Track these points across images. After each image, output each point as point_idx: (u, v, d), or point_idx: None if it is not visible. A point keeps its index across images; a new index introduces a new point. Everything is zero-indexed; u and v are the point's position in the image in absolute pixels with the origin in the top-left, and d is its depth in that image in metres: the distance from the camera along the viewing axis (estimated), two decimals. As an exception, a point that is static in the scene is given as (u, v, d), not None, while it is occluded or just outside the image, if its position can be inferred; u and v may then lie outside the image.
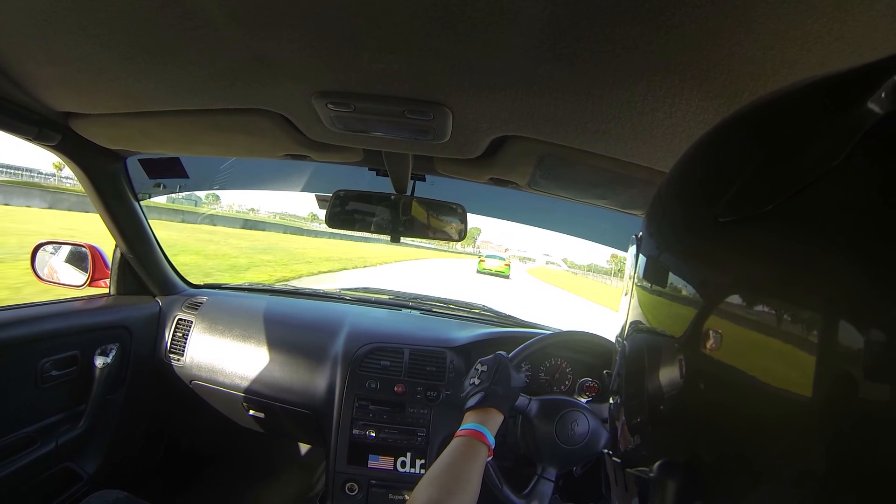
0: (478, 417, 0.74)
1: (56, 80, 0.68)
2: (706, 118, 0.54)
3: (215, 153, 1.04)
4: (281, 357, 1.27)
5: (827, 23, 0.36)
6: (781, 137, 0.24)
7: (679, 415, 0.27)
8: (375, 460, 1.13)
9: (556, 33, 0.43)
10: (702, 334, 0.25)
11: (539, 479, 0.91)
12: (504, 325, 1.49)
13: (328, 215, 1.09)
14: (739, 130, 0.28)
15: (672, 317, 0.28)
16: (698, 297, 0.26)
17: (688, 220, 0.28)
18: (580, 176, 0.83)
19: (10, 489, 0.94)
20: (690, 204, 0.29)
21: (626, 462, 0.33)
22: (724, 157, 0.28)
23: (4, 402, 0.95)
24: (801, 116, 0.24)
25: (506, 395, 0.79)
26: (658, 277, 0.30)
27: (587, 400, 1.23)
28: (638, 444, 0.32)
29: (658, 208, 0.33)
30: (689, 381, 0.26)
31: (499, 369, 0.82)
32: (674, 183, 0.32)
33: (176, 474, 1.59)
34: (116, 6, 0.47)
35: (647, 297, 0.31)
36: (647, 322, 0.31)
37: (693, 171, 0.31)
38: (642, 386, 0.31)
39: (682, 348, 0.27)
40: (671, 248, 0.30)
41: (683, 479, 0.25)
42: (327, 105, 0.64)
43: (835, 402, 0.18)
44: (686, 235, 0.28)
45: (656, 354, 0.29)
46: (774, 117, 0.26)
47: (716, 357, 0.24)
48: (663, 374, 0.28)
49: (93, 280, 1.27)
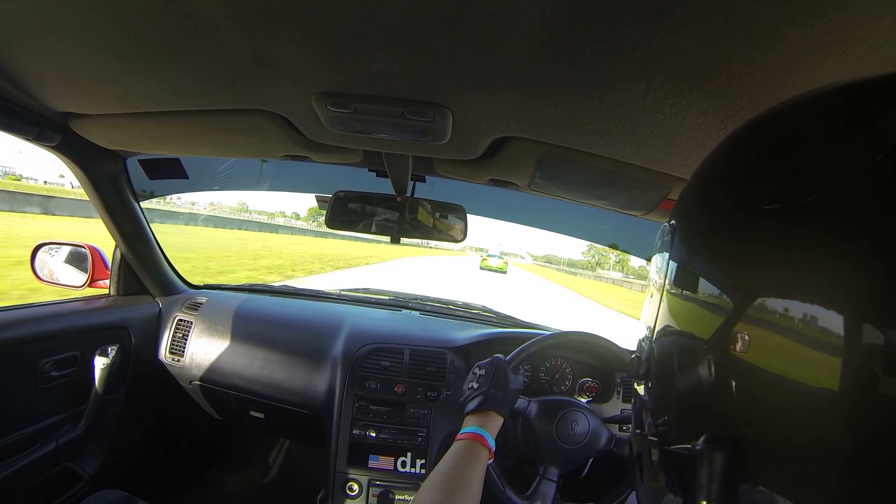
0: (477, 421, 0.75)
1: (56, 81, 0.68)
2: (706, 119, 0.54)
3: (215, 154, 1.04)
4: (281, 357, 1.27)
5: (827, 24, 0.36)
6: (821, 133, 0.25)
7: (717, 398, 0.27)
8: (376, 460, 1.13)
9: (556, 34, 0.43)
10: (742, 321, 0.26)
11: (541, 480, 0.91)
12: (504, 325, 1.49)
13: (328, 216, 1.09)
14: (780, 126, 0.29)
15: (706, 312, 0.29)
16: (740, 282, 0.27)
17: (727, 213, 0.29)
18: (580, 177, 0.83)
19: (11, 489, 0.94)
20: (732, 196, 0.29)
21: (664, 440, 0.33)
22: (764, 150, 0.29)
23: (5, 402, 0.95)
24: (842, 115, 0.25)
25: (504, 398, 0.80)
26: (697, 271, 0.31)
27: (587, 400, 1.23)
28: (674, 423, 0.32)
29: (683, 211, 0.34)
30: (722, 373, 0.27)
31: (497, 373, 0.82)
32: (711, 177, 0.33)
33: (176, 474, 1.59)
34: (116, 6, 0.46)
35: (685, 282, 0.32)
36: (677, 322, 0.32)
37: (731, 165, 0.31)
38: (680, 370, 0.31)
39: (713, 344, 0.27)
40: (709, 241, 0.31)
41: (731, 450, 0.25)
42: (327, 106, 0.64)
43: (861, 398, 0.19)
44: (726, 228, 0.29)
45: (690, 348, 0.30)
46: (814, 115, 0.27)
47: (747, 356, 0.25)
48: (698, 365, 0.29)
49: (93, 281, 1.27)
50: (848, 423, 0.20)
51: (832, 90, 0.26)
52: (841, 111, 0.25)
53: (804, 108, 0.28)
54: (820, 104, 0.27)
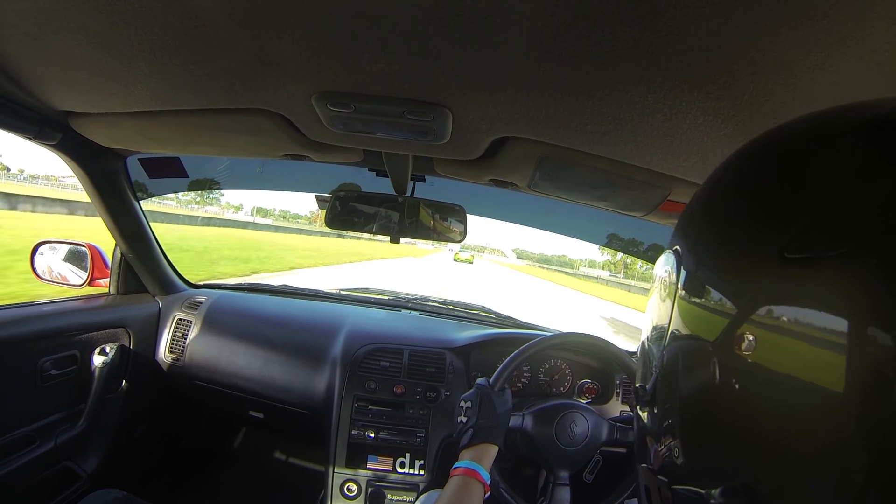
0: (472, 454, 0.76)
1: (56, 79, 0.68)
2: (706, 120, 0.54)
3: (215, 153, 1.05)
4: (280, 357, 1.27)
5: (827, 25, 0.36)
6: (851, 173, 0.23)
7: (727, 427, 0.27)
8: (374, 461, 1.13)
9: (556, 34, 0.43)
10: (736, 338, 0.25)
11: (554, 487, 0.91)
12: (503, 325, 1.49)
13: (328, 216, 1.09)
14: (805, 153, 0.27)
15: (712, 326, 0.28)
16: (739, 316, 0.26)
17: (743, 253, 0.28)
18: (580, 177, 0.83)
19: (9, 488, 0.94)
20: (750, 234, 0.28)
21: (674, 479, 0.32)
22: (788, 183, 0.27)
23: (4, 400, 0.95)
24: (873, 155, 0.23)
25: (495, 427, 0.81)
26: (701, 292, 0.30)
27: (587, 402, 1.23)
28: (683, 459, 0.31)
29: (691, 226, 0.33)
30: (734, 393, 0.26)
31: (482, 402, 0.83)
32: (718, 207, 0.31)
33: (175, 474, 1.59)
34: (117, 5, 0.47)
35: (690, 309, 0.31)
36: (686, 332, 0.31)
37: (750, 192, 0.29)
38: (685, 397, 0.30)
39: (722, 355, 0.27)
40: (721, 276, 0.29)
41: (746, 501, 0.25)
42: (327, 105, 0.64)
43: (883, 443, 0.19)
44: (740, 276, 0.27)
45: (700, 364, 0.29)
46: (844, 148, 0.25)
47: (759, 362, 0.24)
48: (708, 384, 0.28)
49: (92, 280, 1.27)
50: (868, 470, 0.19)
51: (860, 120, 0.25)
52: (870, 149, 0.23)
53: (832, 139, 0.26)
54: (849, 135, 0.25)
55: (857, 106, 0.26)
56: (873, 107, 0.24)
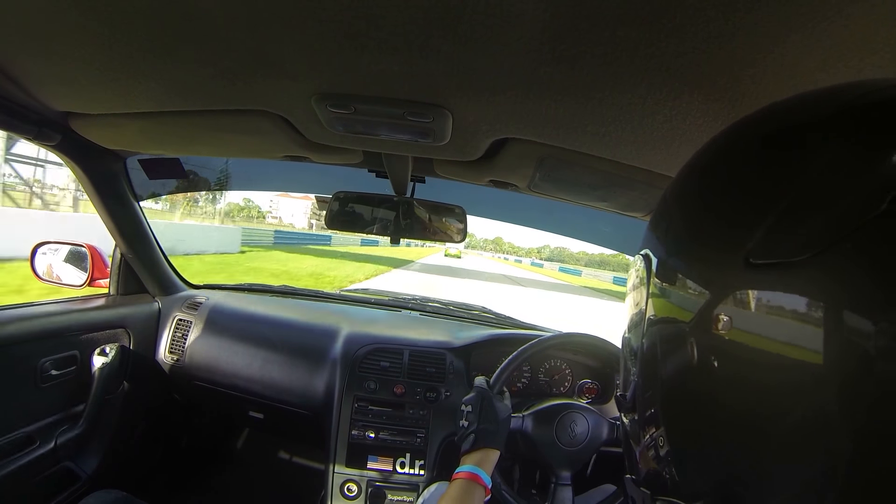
0: (473, 459, 0.77)
1: (56, 80, 0.68)
2: (707, 121, 0.54)
3: (215, 154, 1.04)
4: (280, 358, 1.26)
5: (828, 26, 0.36)
6: (814, 176, 0.22)
7: (708, 407, 0.27)
8: (375, 461, 1.13)
9: (556, 35, 0.43)
10: (713, 318, 0.25)
11: (556, 487, 0.91)
12: (503, 326, 1.49)
13: (328, 217, 1.09)
14: (764, 153, 0.26)
15: (686, 310, 0.28)
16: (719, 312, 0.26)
17: (710, 254, 0.27)
18: (580, 178, 0.83)
19: (9, 489, 0.94)
20: (712, 235, 0.27)
21: (657, 490, 0.32)
22: (747, 184, 0.26)
23: (4, 401, 0.95)
24: (834, 152, 0.22)
25: (496, 430, 0.81)
26: (674, 280, 0.30)
27: (587, 401, 1.23)
28: (665, 470, 0.31)
29: (663, 219, 0.33)
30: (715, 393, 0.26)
31: (483, 406, 0.83)
32: (687, 199, 0.31)
33: (175, 474, 1.59)
34: (117, 6, 0.46)
35: (662, 304, 0.31)
36: (662, 316, 0.31)
37: (709, 193, 0.29)
38: (666, 380, 0.30)
39: (699, 335, 0.27)
40: (693, 274, 0.29)
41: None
42: (327, 106, 0.64)
43: None
44: (709, 270, 0.27)
45: (677, 360, 0.29)
46: (802, 146, 0.24)
47: (736, 340, 0.24)
48: (686, 383, 0.28)
49: (92, 280, 1.27)
50: (849, 462, 0.19)
51: (835, 111, 0.24)
52: (841, 142, 0.22)
53: (799, 129, 0.25)
54: (818, 126, 0.24)
55: (817, 95, 0.25)
56: (829, 99, 0.24)
